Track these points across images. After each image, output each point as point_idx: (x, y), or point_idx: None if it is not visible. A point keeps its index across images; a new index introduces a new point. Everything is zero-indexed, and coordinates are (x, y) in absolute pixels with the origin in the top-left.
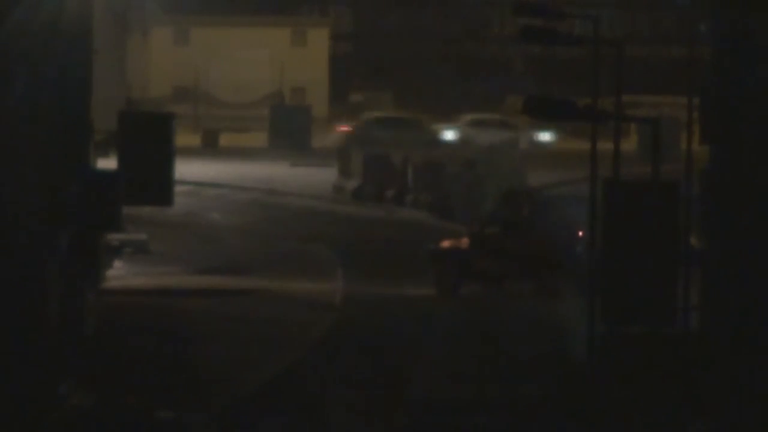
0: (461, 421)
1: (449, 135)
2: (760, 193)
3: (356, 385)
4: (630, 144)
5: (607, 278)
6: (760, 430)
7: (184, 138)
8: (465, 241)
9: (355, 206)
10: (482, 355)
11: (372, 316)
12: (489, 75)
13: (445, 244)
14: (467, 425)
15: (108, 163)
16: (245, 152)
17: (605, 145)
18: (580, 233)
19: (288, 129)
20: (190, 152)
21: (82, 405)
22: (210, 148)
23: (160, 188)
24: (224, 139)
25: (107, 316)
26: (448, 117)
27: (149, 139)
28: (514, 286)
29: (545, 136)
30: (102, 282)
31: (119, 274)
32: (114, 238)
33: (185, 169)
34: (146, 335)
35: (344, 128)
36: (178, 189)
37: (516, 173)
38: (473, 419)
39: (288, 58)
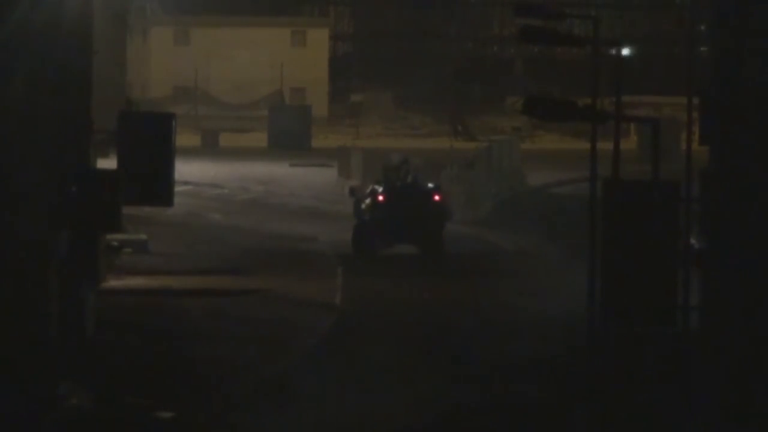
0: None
1: None
2: (760, 193)
3: (357, 385)
4: (630, 144)
5: (606, 278)
6: (760, 430)
7: (184, 138)
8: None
9: None
10: (481, 356)
11: (372, 315)
12: (489, 75)
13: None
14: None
15: (108, 163)
16: (245, 152)
17: (605, 145)
18: (437, 197)
19: (288, 129)
20: (190, 152)
21: (82, 405)
22: (210, 148)
23: (161, 188)
24: (224, 139)
25: (107, 316)
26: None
27: (149, 139)
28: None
29: None
30: (102, 282)
31: (119, 274)
32: (114, 238)
33: (185, 169)
34: (146, 335)
35: None
36: (178, 189)
37: (516, 173)
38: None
39: (288, 58)
